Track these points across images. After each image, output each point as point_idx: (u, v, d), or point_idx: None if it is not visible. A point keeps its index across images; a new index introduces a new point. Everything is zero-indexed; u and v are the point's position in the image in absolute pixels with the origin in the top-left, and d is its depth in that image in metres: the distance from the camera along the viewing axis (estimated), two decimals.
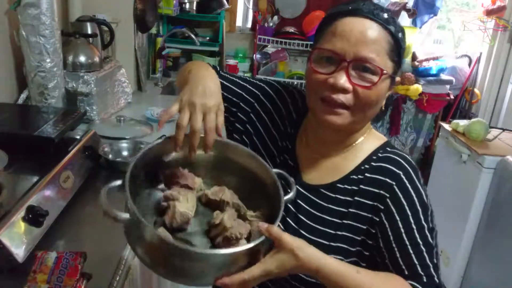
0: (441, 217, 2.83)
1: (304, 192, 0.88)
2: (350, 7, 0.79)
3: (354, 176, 0.85)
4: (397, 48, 0.79)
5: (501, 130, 2.65)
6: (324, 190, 0.86)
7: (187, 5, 3.35)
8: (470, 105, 3.61)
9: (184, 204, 0.73)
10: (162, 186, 0.81)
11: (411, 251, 0.77)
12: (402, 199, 0.80)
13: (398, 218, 0.79)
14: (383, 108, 0.84)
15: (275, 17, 3.60)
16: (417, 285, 0.74)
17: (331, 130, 0.84)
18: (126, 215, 0.64)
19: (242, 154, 0.82)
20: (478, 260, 2.46)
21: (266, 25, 3.60)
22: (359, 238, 0.82)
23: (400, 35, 0.79)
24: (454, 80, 3.49)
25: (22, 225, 0.96)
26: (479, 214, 2.44)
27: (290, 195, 0.78)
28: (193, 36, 3.04)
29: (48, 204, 1.06)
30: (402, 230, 0.78)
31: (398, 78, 0.84)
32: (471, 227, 2.47)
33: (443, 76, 3.48)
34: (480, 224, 2.45)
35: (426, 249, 0.77)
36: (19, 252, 0.92)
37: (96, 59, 1.89)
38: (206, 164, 0.84)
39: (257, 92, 0.97)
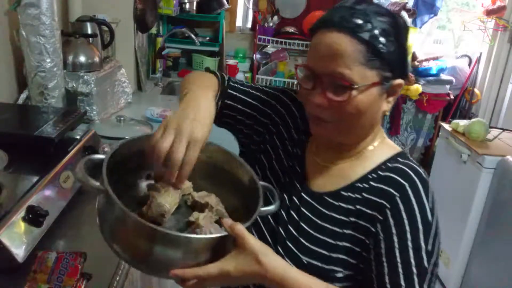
0: (441, 217, 2.82)
1: (308, 199, 0.85)
2: (321, 19, 0.76)
3: (359, 184, 0.81)
4: (378, 54, 0.72)
5: (501, 130, 2.65)
6: (328, 198, 0.83)
7: (187, 5, 3.35)
8: (470, 105, 3.61)
9: (165, 197, 0.72)
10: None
11: (400, 270, 0.71)
12: (403, 213, 0.74)
13: (394, 232, 0.73)
14: (386, 113, 0.81)
15: (275, 17, 3.60)
16: None
17: (326, 140, 0.84)
18: (97, 183, 0.65)
19: (231, 162, 0.81)
20: (478, 260, 2.46)
21: (266, 25, 3.60)
22: (358, 250, 0.77)
23: (381, 38, 0.72)
24: (454, 80, 3.49)
25: (22, 225, 0.96)
26: (479, 214, 2.44)
27: (270, 207, 0.75)
28: (193, 36, 3.04)
29: (48, 204, 1.06)
30: (396, 246, 0.73)
31: (398, 81, 0.77)
32: (471, 227, 2.47)
33: (443, 76, 3.48)
34: (480, 224, 2.45)
35: (418, 272, 0.71)
36: (19, 252, 0.92)
37: (96, 59, 1.89)
38: (199, 170, 0.79)
39: (273, 102, 0.96)
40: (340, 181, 0.83)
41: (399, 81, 0.77)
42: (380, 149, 0.85)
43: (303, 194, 0.85)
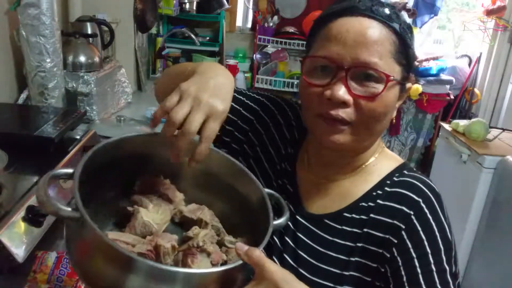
0: None
1: (305, 223, 0.74)
2: (344, 6, 0.68)
3: (363, 204, 0.72)
4: (404, 49, 0.67)
5: (501, 130, 2.65)
6: (329, 221, 0.73)
7: (187, 5, 3.35)
8: (470, 105, 3.61)
9: (152, 215, 0.61)
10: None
11: None
12: (421, 233, 0.66)
13: (414, 255, 0.65)
14: (393, 121, 0.73)
15: (275, 17, 3.60)
16: None
17: (334, 150, 0.71)
18: (68, 210, 0.53)
19: (230, 168, 0.68)
20: (478, 260, 2.46)
21: (266, 25, 3.60)
22: (368, 279, 0.69)
23: (407, 32, 0.67)
24: (454, 80, 3.49)
25: (22, 225, 0.96)
26: (479, 214, 2.44)
27: (281, 220, 0.65)
28: (193, 36, 3.04)
29: None
30: (419, 271, 0.64)
31: (409, 85, 0.71)
32: (471, 227, 2.47)
33: (443, 76, 3.48)
34: (480, 224, 2.45)
35: None
36: (19, 252, 0.92)
37: (96, 59, 1.89)
38: (189, 179, 0.71)
39: (256, 107, 0.84)
40: (341, 200, 0.74)
41: (409, 85, 0.71)
42: (381, 161, 0.75)
43: (298, 217, 0.75)
